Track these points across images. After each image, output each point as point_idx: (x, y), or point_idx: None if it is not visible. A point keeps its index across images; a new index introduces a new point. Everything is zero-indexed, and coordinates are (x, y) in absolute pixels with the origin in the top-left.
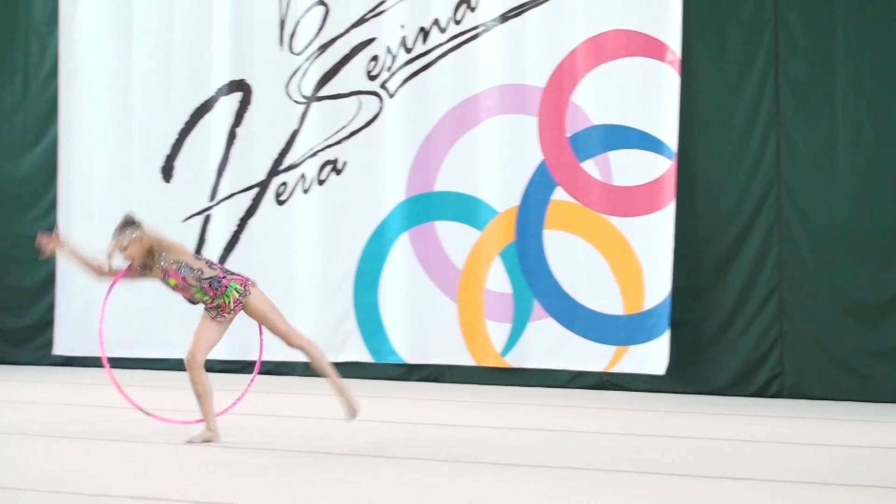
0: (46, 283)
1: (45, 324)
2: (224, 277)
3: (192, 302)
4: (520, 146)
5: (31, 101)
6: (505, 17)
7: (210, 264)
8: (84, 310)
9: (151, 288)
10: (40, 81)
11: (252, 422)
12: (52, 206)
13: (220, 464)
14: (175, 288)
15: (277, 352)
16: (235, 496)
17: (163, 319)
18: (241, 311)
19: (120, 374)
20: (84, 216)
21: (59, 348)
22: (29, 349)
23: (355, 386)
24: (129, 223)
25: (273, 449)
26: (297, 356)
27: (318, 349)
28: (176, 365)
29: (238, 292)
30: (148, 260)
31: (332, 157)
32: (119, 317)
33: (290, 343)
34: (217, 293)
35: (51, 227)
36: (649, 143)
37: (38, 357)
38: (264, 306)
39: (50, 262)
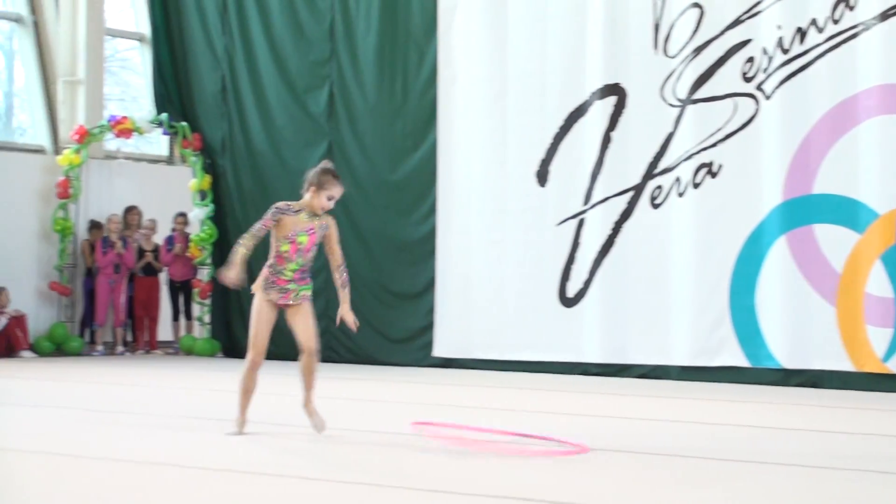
0: (427, 287)
1: (426, 326)
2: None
3: (276, 270)
4: None
5: (411, 107)
6: (885, 16)
7: None
8: (463, 313)
9: (528, 290)
10: (419, 88)
11: (627, 426)
12: (431, 210)
13: (602, 472)
14: (291, 249)
15: (652, 355)
16: (603, 498)
17: (538, 323)
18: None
19: (495, 376)
20: (462, 219)
21: (439, 350)
22: (410, 350)
23: (730, 391)
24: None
25: (643, 452)
26: (672, 359)
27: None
28: (551, 368)
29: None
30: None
31: (707, 160)
32: (494, 320)
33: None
34: (302, 282)
35: (431, 230)
36: None
37: (418, 358)
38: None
39: (430, 265)
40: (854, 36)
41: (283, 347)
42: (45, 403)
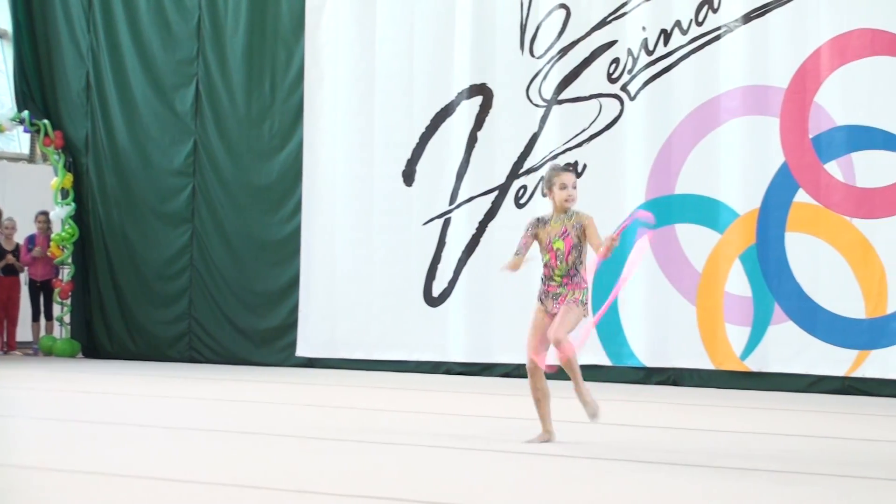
0: (291, 286)
1: (289, 325)
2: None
3: (545, 280)
4: (761, 148)
5: (278, 107)
6: (748, 18)
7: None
8: (327, 312)
9: (394, 289)
10: (286, 87)
11: (481, 424)
12: (297, 209)
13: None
14: (552, 258)
15: (515, 354)
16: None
17: (403, 322)
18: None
19: (360, 375)
20: (328, 219)
21: (303, 350)
22: (273, 350)
23: (593, 389)
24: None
25: (503, 452)
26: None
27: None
28: (416, 367)
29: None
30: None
31: (571, 160)
32: (360, 319)
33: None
34: (574, 287)
35: (296, 229)
36: (894, 143)
37: (281, 358)
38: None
39: (294, 265)
40: (717, 38)
41: (142, 346)
42: None
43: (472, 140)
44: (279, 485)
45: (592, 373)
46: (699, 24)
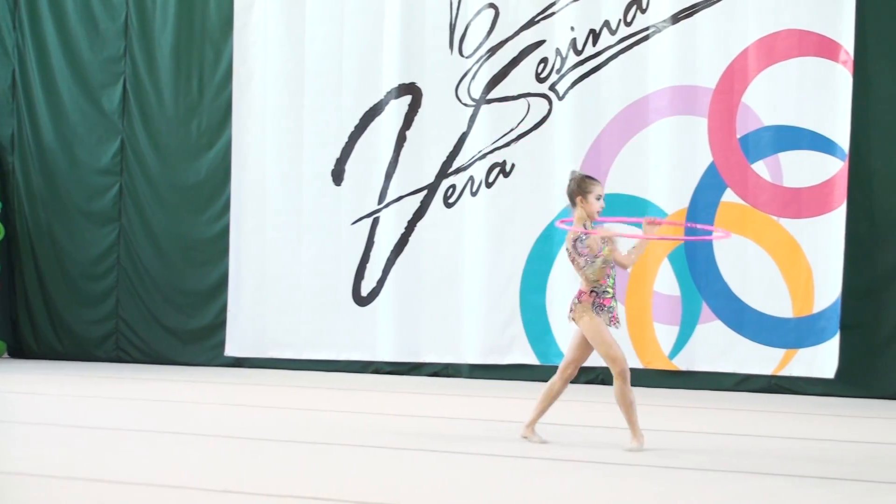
0: (219, 285)
1: (218, 325)
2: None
3: (601, 291)
4: (689, 148)
5: (206, 105)
6: (676, 18)
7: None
8: (256, 312)
9: (323, 289)
10: (215, 86)
11: (410, 423)
12: (225, 209)
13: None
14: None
15: (444, 353)
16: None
17: (332, 322)
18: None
19: (289, 375)
20: (256, 218)
21: (231, 349)
22: (201, 350)
23: (521, 388)
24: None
25: (436, 451)
26: (464, 357)
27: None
28: (345, 367)
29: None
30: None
31: (500, 160)
32: (289, 318)
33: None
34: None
35: (224, 229)
36: (821, 143)
37: (209, 358)
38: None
39: (223, 264)
40: (646, 38)
41: (70, 346)
42: None
43: (400, 139)
44: (204, 485)
45: (520, 372)
46: (628, 24)
